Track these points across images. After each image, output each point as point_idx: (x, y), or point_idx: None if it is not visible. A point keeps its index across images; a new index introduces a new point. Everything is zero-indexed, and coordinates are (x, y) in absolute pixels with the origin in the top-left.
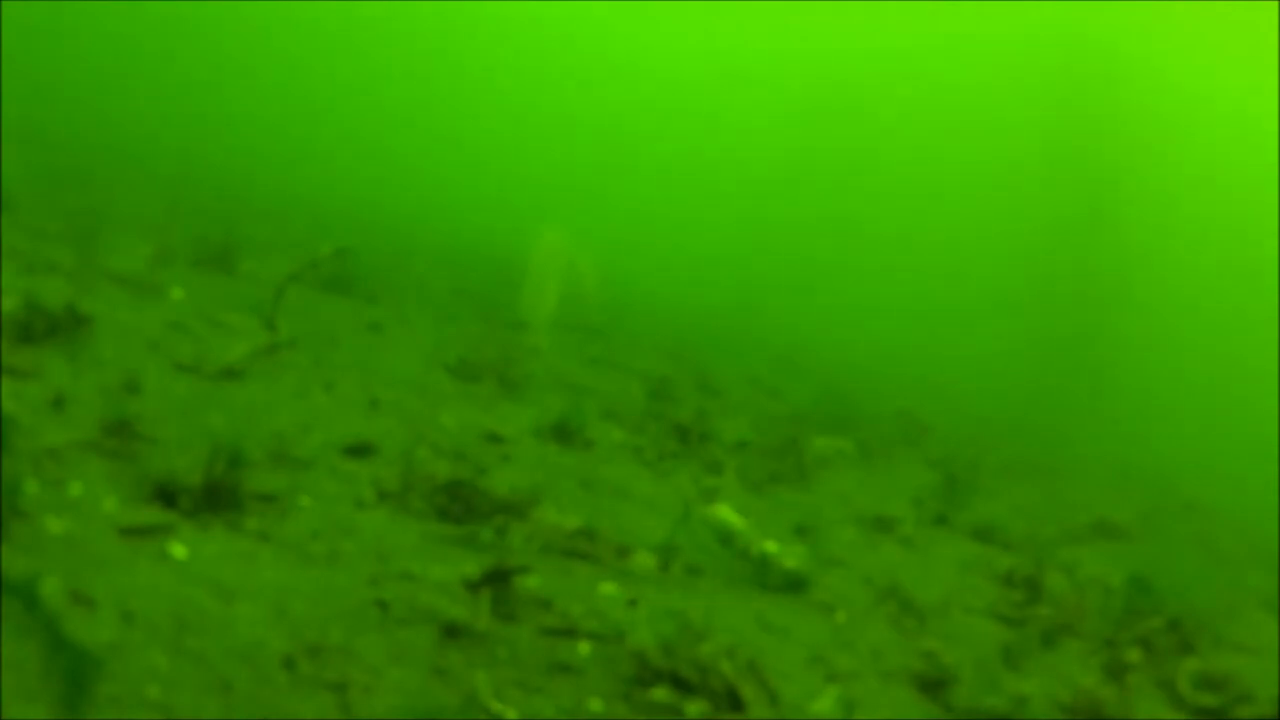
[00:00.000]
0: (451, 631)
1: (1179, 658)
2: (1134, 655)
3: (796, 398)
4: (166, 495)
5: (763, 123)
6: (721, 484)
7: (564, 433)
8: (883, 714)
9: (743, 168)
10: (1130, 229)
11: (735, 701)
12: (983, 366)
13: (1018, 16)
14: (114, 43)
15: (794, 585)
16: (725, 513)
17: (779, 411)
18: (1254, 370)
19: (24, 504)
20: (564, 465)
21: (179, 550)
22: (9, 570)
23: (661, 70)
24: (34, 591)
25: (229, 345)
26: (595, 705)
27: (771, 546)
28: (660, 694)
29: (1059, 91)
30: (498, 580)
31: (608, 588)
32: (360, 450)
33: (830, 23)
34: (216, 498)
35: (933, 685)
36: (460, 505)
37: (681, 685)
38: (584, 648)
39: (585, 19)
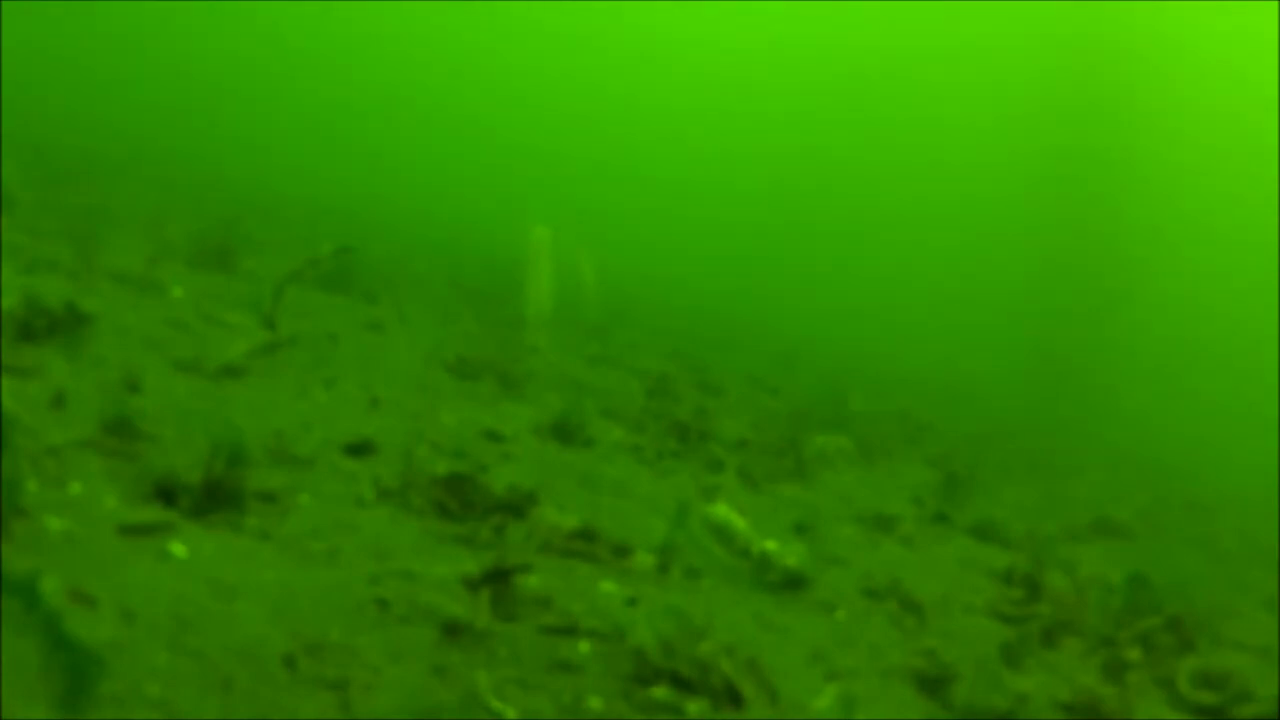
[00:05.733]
0: (451, 630)
1: (1179, 656)
2: (1134, 653)
3: (796, 396)
4: (167, 494)
5: (763, 120)
6: (721, 482)
7: (564, 431)
8: (883, 712)
9: (743, 165)
10: (1131, 227)
11: (735, 699)
12: (983, 365)
13: (1019, 12)
14: (114, 42)
15: (794, 583)
16: (725, 511)
17: (779, 410)
18: (1255, 368)
19: (24, 502)
20: (564, 463)
21: (179, 549)
22: (9, 569)
23: (662, 69)
24: (34, 590)
25: (229, 343)
26: (595, 703)
27: (771, 545)
28: (660, 692)
29: (1060, 90)
30: (498, 579)
31: (607, 586)
32: (360, 448)
33: (831, 17)
34: (216, 496)
35: (933, 683)
36: (460, 503)
37: (681, 683)
38: (584, 646)
39: (585, 17)
